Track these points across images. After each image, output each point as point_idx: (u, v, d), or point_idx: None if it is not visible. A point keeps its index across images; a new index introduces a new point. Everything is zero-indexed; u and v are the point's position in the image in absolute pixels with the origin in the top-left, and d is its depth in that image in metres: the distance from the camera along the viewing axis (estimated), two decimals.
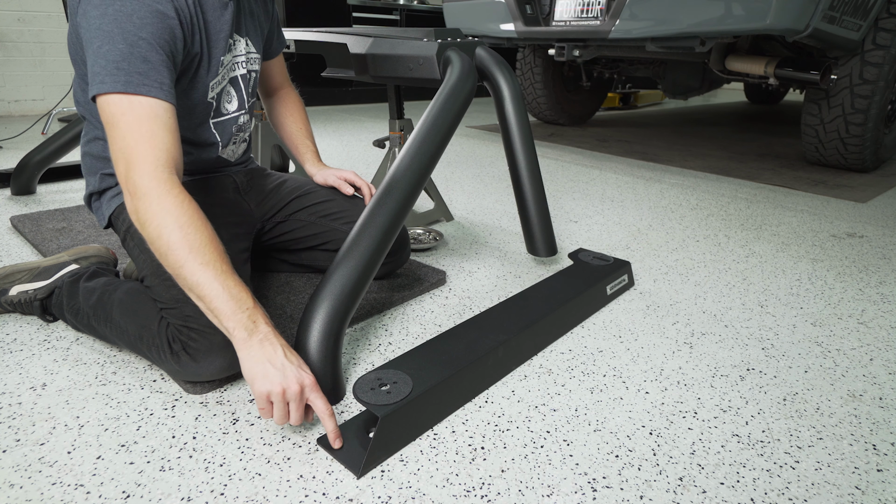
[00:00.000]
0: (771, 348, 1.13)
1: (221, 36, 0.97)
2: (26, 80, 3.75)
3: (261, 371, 0.76)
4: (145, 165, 0.78)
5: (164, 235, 0.77)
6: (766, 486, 0.77)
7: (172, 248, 0.77)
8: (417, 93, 5.66)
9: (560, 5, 2.70)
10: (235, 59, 1.04)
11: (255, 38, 1.09)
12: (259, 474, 0.75)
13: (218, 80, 1.00)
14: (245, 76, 1.08)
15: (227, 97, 1.05)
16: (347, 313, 0.92)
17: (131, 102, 0.80)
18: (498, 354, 0.98)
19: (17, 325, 1.11)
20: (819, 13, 2.12)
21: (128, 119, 0.79)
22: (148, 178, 0.78)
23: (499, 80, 1.35)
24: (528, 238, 1.42)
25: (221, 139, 1.07)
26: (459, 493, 0.73)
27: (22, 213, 1.78)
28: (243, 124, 1.12)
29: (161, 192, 0.78)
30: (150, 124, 0.80)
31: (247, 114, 1.12)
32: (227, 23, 0.97)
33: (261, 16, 1.12)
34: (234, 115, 1.08)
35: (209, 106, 1.01)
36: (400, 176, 1.06)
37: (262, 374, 0.75)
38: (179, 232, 0.77)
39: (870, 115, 2.50)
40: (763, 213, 2.08)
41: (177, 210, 0.78)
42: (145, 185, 0.78)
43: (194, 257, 0.77)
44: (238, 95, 1.08)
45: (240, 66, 1.06)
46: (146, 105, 0.80)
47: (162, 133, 0.81)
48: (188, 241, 0.77)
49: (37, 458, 0.77)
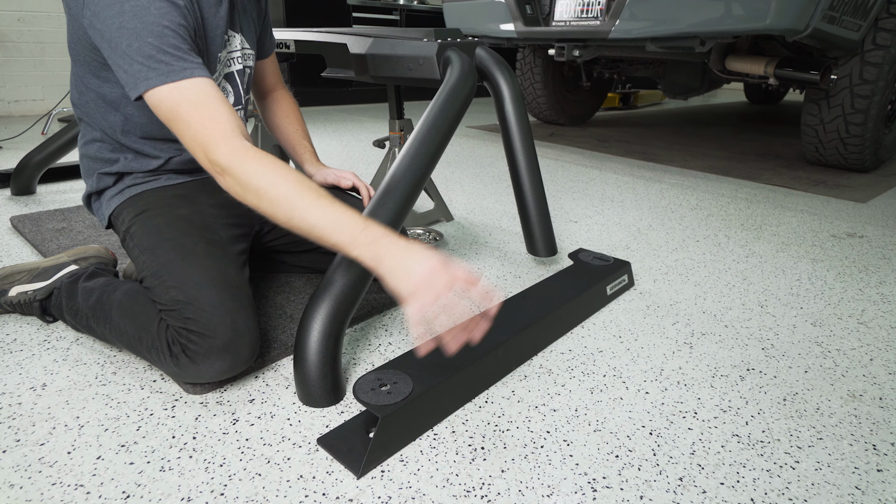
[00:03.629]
0: (771, 348, 1.13)
1: (218, 32, 0.98)
2: (26, 80, 3.75)
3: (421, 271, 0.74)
4: (220, 146, 0.80)
5: (263, 196, 0.79)
6: (766, 486, 0.77)
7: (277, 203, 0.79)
8: (417, 93, 5.66)
9: (560, 5, 2.70)
10: (231, 54, 1.05)
11: (249, 34, 1.10)
12: (259, 474, 0.75)
13: (215, 77, 1.01)
14: (241, 72, 1.09)
15: (223, 93, 1.05)
16: (347, 313, 0.92)
17: (181, 90, 0.81)
18: (498, 354, 0.98)
19: (17, 325, 1.11)
20: (819, 13, 2.12)
21: (185, 108, 0.81)
22: (226, 155, 0.80)
23: (499, 80, 1.35)
24: (528, 238, 1.42)
25: None
26: (459, 494, 0.73)
27: (22, 213, 1.78)
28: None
29: (243, 159, 0.80)
30: (207, 105, 0.82)
31: (242, 110, 1.12)
32: (222, 18, 0.98)
33: (253, 12, 1.13)
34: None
35: None
36: (400, 176, 1.06)
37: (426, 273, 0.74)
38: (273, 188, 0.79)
39: (870, 115, 2.50)
40: (763, 213, 2.08)
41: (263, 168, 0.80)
42: (227, 161, 0.80)
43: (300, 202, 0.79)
44: (234, 91, 1.08)
45: (235, 62, 1.07)
46: (195, 88, 0.82)
47: (219, 107, 0.83)
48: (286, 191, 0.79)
49: (37, 459, 0.77)
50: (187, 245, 0.94)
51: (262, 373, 0.98)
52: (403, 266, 0.75)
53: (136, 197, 1.04)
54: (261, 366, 0.99)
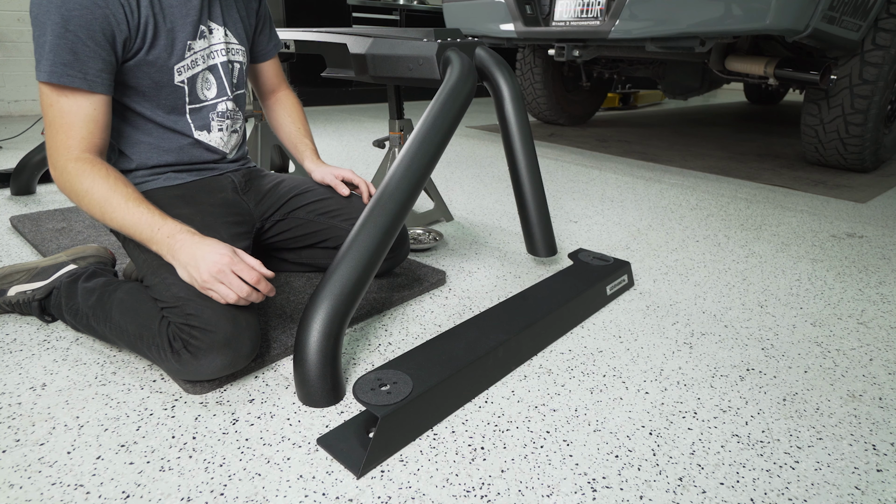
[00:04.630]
0: (771, 348, 1.13)
1: (188, 21, 1.00)
2: (26, 80, 3.75)
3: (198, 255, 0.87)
4: (63, 151, 0.90)
5: (81, 199, 0.90)
6: (765, 486, 0.77)
7: (92, 205, 0.90)
8: (417, 93, 5.66)
9: (560, 5, 2.70)
10: (213, 46, 1.06)
11: (235, 28, 1.12)
12: (259, 474, 0.75)
13: (186, 65, 1.02)
14: (225, 64, 1.10)
15: (204, 84, 1.07)
16: (347, 313, 0.92)
17: (58, 94, 0.89)
18: (498, 354, 0.98)
19: (17, 325, 1.11)
20: (819, 13, 2.12)
21: (53, 111, 0.90)
22: (64, 160, 0.90)
23: (499, 80, 1.35)
24: (528, 238, 1.42)
25: (195, 124, 1.08)
26: (459, 493, 0.73)
27: (22, 213, 1.78)
28: (226, 112, 1.13)
29: (73, 168, 0.90)
30: (70, 117, 0.90)
31: (230, 101, 1.13)
32: (193, 8, 1.00)
33: (242, 9, 1.14)
34: (213, 102, 1.10)
35: (180, 90, 1.03)
36: (400, 176, 1.06)
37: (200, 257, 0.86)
38: (89, 193, 0.89)
39: (869, 115, 2.50)
40: (763, 213, 2.09)
41: (85, 176, 0.90)
42: (61, 166, 0.91)
43: (109, 205, 0.89)
44: (217, 83, 1.10)
45: (218, 55, 1.08)
46: (69, 97, 0.89)
47: (80, 124, 0.90)
48: (99, 196, 0.89)
49: (36, 458, 0.77)
50: None
51: (261, 372, 0.98)
52: (195, 259, 0.86)
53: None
54: (260, 365, 0.99)
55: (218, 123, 1.12)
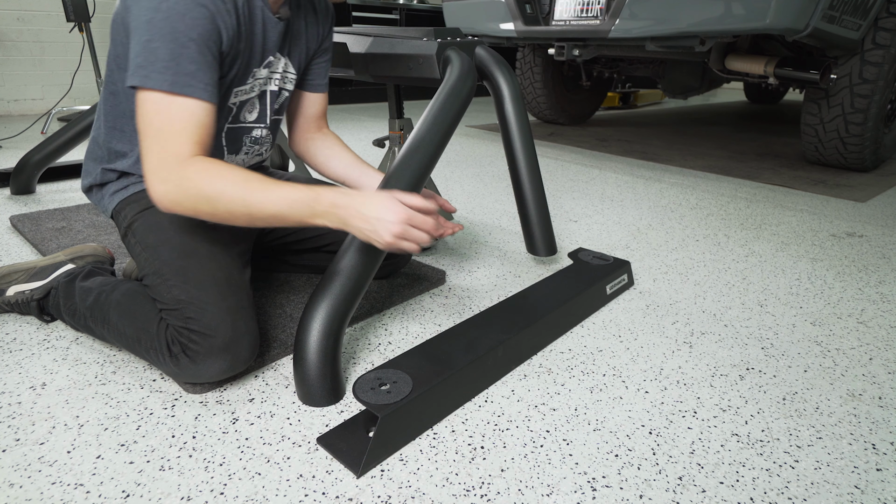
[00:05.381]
0: (770, 348, 1.13)
1: (266, 48, 0.98)
2: (26, 80, 3.75)
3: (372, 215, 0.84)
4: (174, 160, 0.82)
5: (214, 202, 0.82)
6: (765, 485, 0.77)
7: (230, 206, 0.82)
8: (417, 92, 5.66)
9: (560, 5, 2.69)
10: (273, 74, 1.05)
11: (296, 58, 1.09)
12: (259, 474, 0.76)
13: (245, 90, 1.00)
14: (275, 92, 1.08)
15: (249, 107, 1.05)
16: (347, 313, 0.92)
17: (171, 102, 0.81)
18: (498, 354, 0.98)
19: (17, 324, 1.11)
20: (819, 12, 2.12)
21: (161, 118, 0.82)
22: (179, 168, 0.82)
23: (498, 79, 1.35)
24: (528, 238, 1.42)
25: (228, 145, 1.06)
26: (459, 493, 0.74)
27: (21, 212, 1.78)
28: (259, 138, 1.11)
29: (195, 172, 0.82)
30: (183, 123, 0.82)
31: (266, 129, 1.11)
32: (272, 42, 0.98)
33: (311, 41, 1.11)
34: (250, 126, 1.08)
35: (227, 111, 1.01)
36: (400, 175, 1.06)
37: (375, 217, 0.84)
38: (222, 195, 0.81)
39: (869, 114, 2.50)
40: (763, 212, 2.09)
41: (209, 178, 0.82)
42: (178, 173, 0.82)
43: (251, 194, 0.82)
44: (261, 109, 1.08)
45: (273, 83, 1.06)
46: (187, 105, 0.82)
47: (193, 129, 0.83)
48: (235, 195, 0.81)
49: (36, 458, 0.77)
50: (189, 244, 0.94)
51: (261, 372, 0.98)
52: (370, 223, 0.84)
53: (140, 194, 1.03)
54: (260, 365, 0.99)
55: (247, 148, 1.10)
